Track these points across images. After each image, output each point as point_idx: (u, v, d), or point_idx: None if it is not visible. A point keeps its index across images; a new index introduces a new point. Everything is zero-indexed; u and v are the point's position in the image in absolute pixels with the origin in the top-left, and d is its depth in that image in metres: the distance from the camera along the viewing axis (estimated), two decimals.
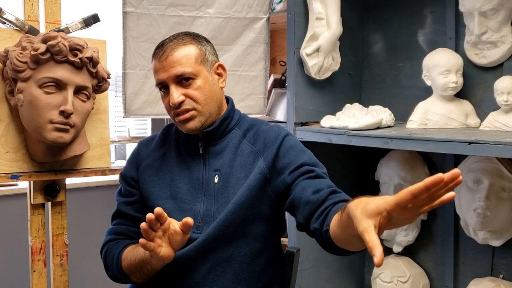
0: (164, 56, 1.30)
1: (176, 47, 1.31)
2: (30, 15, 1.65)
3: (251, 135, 1.38)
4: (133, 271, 1.30)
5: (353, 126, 1.72)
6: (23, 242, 1.84)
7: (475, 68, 1.81)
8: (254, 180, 1.30)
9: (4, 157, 1.60)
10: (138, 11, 1.95)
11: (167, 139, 1.45)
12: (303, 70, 1.94)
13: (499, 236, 1.69)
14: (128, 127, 2.94)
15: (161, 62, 1.30)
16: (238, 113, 1.43)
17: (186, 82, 1.30)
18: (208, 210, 1.31)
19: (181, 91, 1.29)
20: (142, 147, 1.46)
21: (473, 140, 1.37)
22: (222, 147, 1.36)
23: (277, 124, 1.46)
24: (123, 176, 1.45)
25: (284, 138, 1.35)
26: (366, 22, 2.18)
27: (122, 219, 1.42)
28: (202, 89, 1.31)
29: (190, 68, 1.29)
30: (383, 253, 0.78)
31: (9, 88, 1.58)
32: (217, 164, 1.34)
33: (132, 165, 1.44)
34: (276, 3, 2.34)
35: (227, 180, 1.32)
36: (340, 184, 2.15)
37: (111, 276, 1.38)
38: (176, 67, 1.28)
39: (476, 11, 1.66)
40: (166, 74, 1.29)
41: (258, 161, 1.33)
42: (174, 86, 1.29)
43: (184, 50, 1.31)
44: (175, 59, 1.29)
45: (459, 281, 1.93)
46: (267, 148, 1.34)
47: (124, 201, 1.42)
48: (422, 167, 1.95)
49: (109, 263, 1.35)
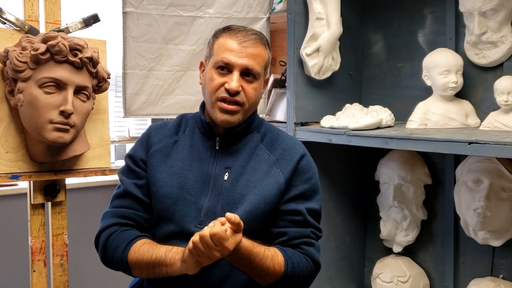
0: (245, 43, 1.30)
1: (257, 43, 1.32)
2: (30, 15, 1.65)
3: (269, 141, 1.39)
4: (142, 267, 1.25)
5: (353, 126, 1.72)
6: (23, 242, 1.84)
7: (475, 68, 1.81)
8: (272, 195, 1.30)
9: (4, 157, 1.60)
10: (138, 11, 1.95)
11: (180, 128, 1.43)
12: (303, 70, 1.94)
13: (499, 236, 1.69)
14: (128, 127, 2.94)
15: (239, 45, 1.30)
16: (258, 117, 1.44)
17: (248, 78, 1.31)
18: (213, 206, 1.30)
19: (240, 82, 1.30)
20: (154, 131, 1.43)
21: (473, 140, 1.37)
22: (238, 148, 1.36)
23: (294, 137, 1.49)
24: (131, 156, 1.40)
25: (302, 157, 1.36)
26: (366, 22, 2.18)
27: (129, 200, 1.35)
28: (256, 91, 1.33)
29: (259, 68, 1.32)
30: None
31: (9, 88, 1.58)
32: (229, 162, 1.34)
33: (142, 147, 1.41)
34: (276, 3, 2.34)
35: (236, 180, 1.32)
36: (340, 184, 2.17)
37: (106, 261, 1.32)
38: (251, 59, 1.30)
39: (476, 11, 1.66)
40: (239, 59, 1.29)
41: (274, 171, 1.33)
42: (238, 74, 1.29)
43: (262, 50, 1.34)
44: (253, 52, 1.31)
45: (459, 281, 1.93)
46: (285, 160, 1.35)
47: (133, 182, 1.36)
48: (422, 167, 1.95)
49: (111, 249, 1.29)
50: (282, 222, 1.32)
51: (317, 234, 1.35)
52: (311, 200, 1.35)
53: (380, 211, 2.07)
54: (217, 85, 1.30)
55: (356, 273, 2.24)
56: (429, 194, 1.97)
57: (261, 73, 1.34)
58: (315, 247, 1.33)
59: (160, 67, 2.02)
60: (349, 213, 2.17)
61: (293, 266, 1.25)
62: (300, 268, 1.27)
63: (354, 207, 2.19)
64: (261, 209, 1.29)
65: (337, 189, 2.11)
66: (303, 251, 1.30)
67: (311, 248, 1.32)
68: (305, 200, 1.34)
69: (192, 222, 1.29)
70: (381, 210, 2.06)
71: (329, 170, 2.06)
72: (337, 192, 2.11)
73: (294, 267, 1.25)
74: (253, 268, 1.20)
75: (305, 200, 1.34)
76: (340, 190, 2.12)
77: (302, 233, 1.31)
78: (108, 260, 1.31)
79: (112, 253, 1.29)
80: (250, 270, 1.21)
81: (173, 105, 2.07)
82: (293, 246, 1.30)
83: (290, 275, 1.24)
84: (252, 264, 1.19)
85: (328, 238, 2.08)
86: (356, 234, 2.21)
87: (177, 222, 1.30)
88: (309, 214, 1.33)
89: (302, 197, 1.34)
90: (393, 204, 1.95)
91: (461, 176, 1.74)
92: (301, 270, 1.27)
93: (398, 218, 1.98)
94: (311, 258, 1.31)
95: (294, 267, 1.25)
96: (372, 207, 2.17)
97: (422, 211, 1.96)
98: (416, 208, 1.95)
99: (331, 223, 2.09)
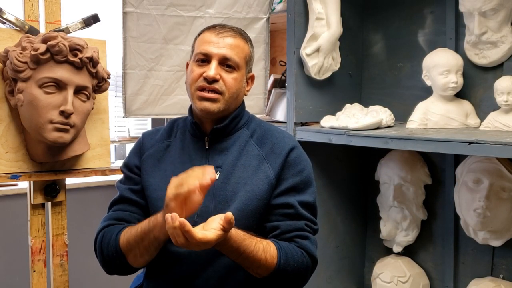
0: (223, 34, 1.33)
1: (237, 36, 1.35)
2: (30, 15, 1.65)
3: (259, 137, 1.39)
4: (133, 246, 1.24)
5: (353, 126, 1.72)
6: (23, 242, 1.84)
7: (475, 68, 1.81)
8: (263, 191, 1.30)
9: (4, 157, 1.60)
10: (138, 11, 1.95)
11: (172, 132, 1.44)
12: (303, 70, 1.94)
13: (499, 236, 1.69)
14: (128, 127, 2.94)
15: (216, 37, 1.32)
16: (247, 113, 1.44)
17: (227, 68, 1.32)
18: (206, 207, 1.29)
19: (218, 71, 1.31)
20: (147, 137, 1.46)
21: (473, 140, 1.37)
22: (228, 145, 1.36)
23: (285, 131, 1.46)
24: (127, 165, 1.43)
25: (292, 150, 1.36)
26: (366, 22, 2.18)
27: (124, 204, 1.38)
28: (236, 81, 1.34)
29: (238, 59, 1.33)
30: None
31: (9, 88, 1.58)
32: (220, 161, 1.34)
33: (136, 154, 1.43)
34: (276, 3, 2.34)
35: (228, 178, 1.32)
36: (340, 184, 2.17)
37: (104, 261, 1.31)
38: (229, 49, 1.32)
39: (476, 11, 1.66)
40: (217, 49, 1.31)
41: (264, 166, 1.33)
42: (216, 63, 1.31)
43: (242, 43, 1.36)
44: (231, 43, 1.33)
45: (459, 281, 1.93)
46: (274, 154, 1.34)
47: (128, 188, 1.39)
48: (422, 167, 1.95)
49: (105, 244, 1.29)
50: (274, 216, 1.32)
51: (312, 227, 1.34)
52: (304, 193, 1.34)
53: (380, 211, 2.07)
54: (197, 75, 1.32)
55: (356, 273, 2.24)
56: (429, 194, 1.97)
57: (241, 64, 1.34)
58: (310, 240, 1.31)
59: (160, 67, 2.02)
60: (349, 213, 2.17)
61: (287, 258, 1.24)
62: (294, 260, 1.25)
63: (354, 207, 2.19)
64: (253, 205, 1.29)
65: (337, 189, 2.11)
66: (297, 244, 1.29)
67: (306, 242, 1.30)
68: (297, 193, 1.33)
69: None
70: (381, 210, 2.06)
71: (329, 170, 2.06)
72: (337, 192, 2.11)
73: (287, 258, 1.24)
74: (244, 259, 1.19)
75: (296, 193, 1.33)
76: (340, 190, 2.12)
77: (295, 226, 1.30)
78: (105, 258, 1.30)
79: (106, 248, 1.29)
80: (241, 261, 1.20)
81: (173, 105, 2.07)
82: (287, 239, 1.29)
83: (283, 267, 1.23)
84: (242, 255, 1.18)
85: (328, 238, 2.08)
86: (356, 234, 2.21)
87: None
88: (302, 207, 1.32)
89: (293, 190, 1.33)
90: (393, 204, 1.95)
91: (461, 176, 1.74)
92: (296, 262, 1.25)
93: (398, 218, 1.97)
94: (306, 251, 1.29)
95: (287, 258, 1.24)
96: (372, 207, 2.17)
97: (422, 211, 1.96)
98: (416, 208, 1.95)
99: (331, 223, 2.09)
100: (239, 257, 1.19)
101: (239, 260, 1.20)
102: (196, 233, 1.05)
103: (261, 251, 1.20)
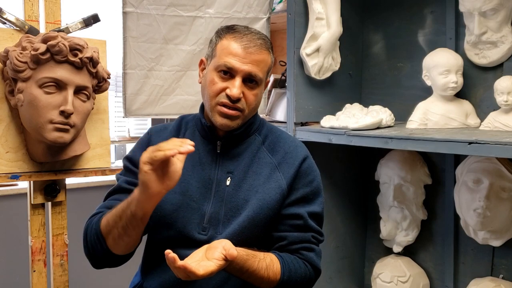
0: (250, 49, 1.27)
1: (262, 49, 1.29)
2: (30, 15, 1.65)
3: (271, 144, 1.37)
4: (111, 227, 1.18)
5: (353, 126, 1.72)
6: (23, 242, 1.84)
7: (475, 68, 1.81)
8: (274, 200, 1.29)
9: (4, 157, 1.60)
10: (138, 11, 1.95)
11: (181, 130, 1.40)
12: (303, 70, 1.94)
13: (499, 236, 1.69)
14: (128, 127, 2.94)
15: (243, 50, 1.27)
16: (259, 118, 1.42)
17: (250, 83, 1.29)
18: (216, 213, 1.28)
19: (242, 89, 1.28)
20: (155, 134, 1.40)
21: (473, 140, 1.37)
22: (240, 151, 1.35)
23: (295, 138, 1.45)
24: (130, 158, 1.37)
25: (304, 160, 1.35)
26: (366, 22, 2.18)
27: (121, 194, 1.31)
28: (257, 97, 1.32)
29: (262, 74, 1.30)
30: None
31: (9, 88, 1.58)
32: (231, 167, 1.32)
33: (142, 150, 1.33)
34: (276, 3, 2.34)
35: (239, 185, 1.30)
36: (340, 184, 2.17)
37: (87, 251, 1.26)
38: (254, 66, 1.27)
39: (476, 11, 1.66)
40: (242, 65, 1.26)
41: (276, 175, 1.32)
42: (240, 80, 1.27)
43: (266, 55, 1.31)
44: (257, 59, 1.28)
45: (459, 281, 1.93)
46: (287, 163, 1.34)
47: (127, 180, 1.34)
48: (422, 167, 1.95)
49: (89, 232, 1.24)
50: (283, 226, 1.31)
51: (318, 239, 1.34)
52: (313, 203, 1.34)
53: (380, 211, 2.07)
54: (218, 89, 1.28)
55: (356, 273, 2.24)
56: (429, 194, 1.97)
57: (263, 78, 1.32)
58: (315, 252, 1.32)
59: (160, 67, 2.02)
60: (349, 213, 2.17)
61: (290, 274, 1.25)
62: (298, 275, 1.26)
63: (354, 207, 2.19)
64: (264, 214, 1.28)
65: (337, 189, 2.11)
66: (302, 257, 1.30)
67: (311, 254, 1.31)
68: (307, 203, 1.33)
69: (195, 229, 1.28)
70: (381, 210, 2.06)
71: (329, 170, 2.06)
72: (337, 192, 2.11)
73: (291, 274, 1.25)
74: (246, 277, 1.20)
75: (306, 203, 1.33)
76: (340, 190, 2.13)
77: (302, 238, 1.31)
78: (88, 245, 1.24)
79: (89, 235, 1.24)
80: (243, 278, 1.21)
81: (173, 105, 2.07)
82: (292, 251, 1.30)
83: (286, 282, 1.24)
84: (245, 274, 1.19)
85: (328, 238, 2.08)
86: (356, 234, 2.21)
87: (179, 228, 1.28)
88: (311, 218, 1.32)
89: (303, 201, 1.32)
90: (393, 204, 1.95)
91: (461, 176, 1.74)
92: (299, 277, 1.27)
93: (398, 218, 1.98)
94: (310, 263, 1.30)
95: (291, 274, 1.25)
96: (372, 207, 2.17)
97: (422, 211, 1.96)
98: (416, 208, 1.95)
99: (331, 223, 2.09)
100: (242, 276, 1.20)
101: (242, 278, 1.21)
102: (197, 270, 1.04)
103: (264, 269, 1.21)
